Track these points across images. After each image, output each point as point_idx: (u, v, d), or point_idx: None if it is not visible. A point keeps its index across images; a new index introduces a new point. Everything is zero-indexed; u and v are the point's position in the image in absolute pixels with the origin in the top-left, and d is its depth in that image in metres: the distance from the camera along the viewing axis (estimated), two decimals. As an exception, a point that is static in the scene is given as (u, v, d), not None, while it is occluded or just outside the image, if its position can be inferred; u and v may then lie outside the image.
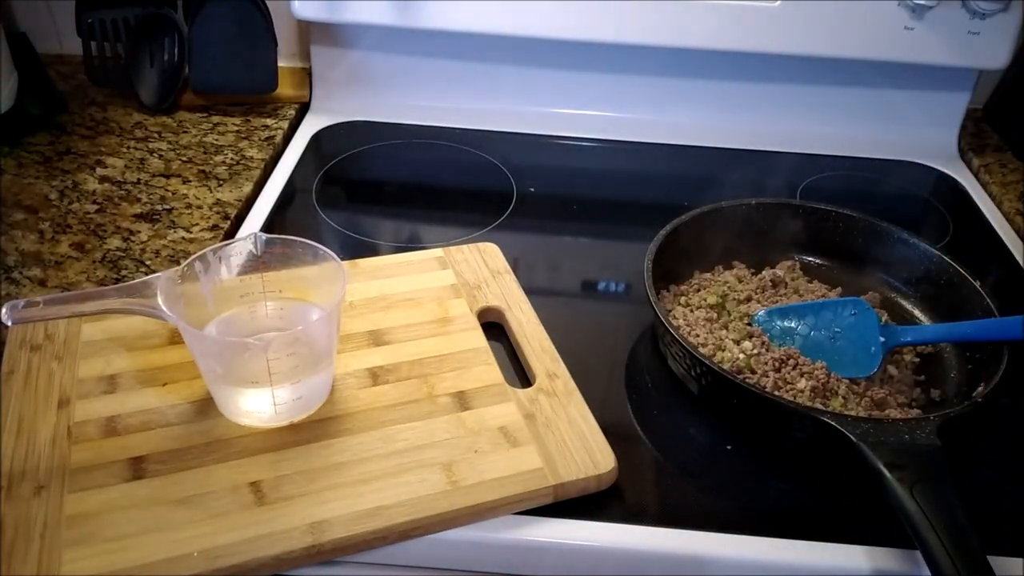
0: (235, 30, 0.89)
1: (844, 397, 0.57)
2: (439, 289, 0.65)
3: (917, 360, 0.63)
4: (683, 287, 0.68)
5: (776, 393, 0.56)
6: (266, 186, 0.82)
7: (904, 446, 0.49)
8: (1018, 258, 0.78)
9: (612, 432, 0.53)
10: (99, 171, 0.81)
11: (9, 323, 0.48)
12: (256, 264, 0.55)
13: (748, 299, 0.65)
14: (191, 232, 0.73)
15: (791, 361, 0.59)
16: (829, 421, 0.50)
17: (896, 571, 0.49)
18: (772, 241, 0.70)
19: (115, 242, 0.71)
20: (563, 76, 0.94)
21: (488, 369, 0.58)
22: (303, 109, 0.96)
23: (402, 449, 0.51)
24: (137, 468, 0.49)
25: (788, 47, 0.87)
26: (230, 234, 0.75)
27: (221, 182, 0.80)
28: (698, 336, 0.61)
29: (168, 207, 0.76)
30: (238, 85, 0.91)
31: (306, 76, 0.98)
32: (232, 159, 0.84)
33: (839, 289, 0.67)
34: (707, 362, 0.54)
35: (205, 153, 0.85)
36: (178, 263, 0.65)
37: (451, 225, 0.78)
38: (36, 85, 0.87)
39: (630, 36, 0.87)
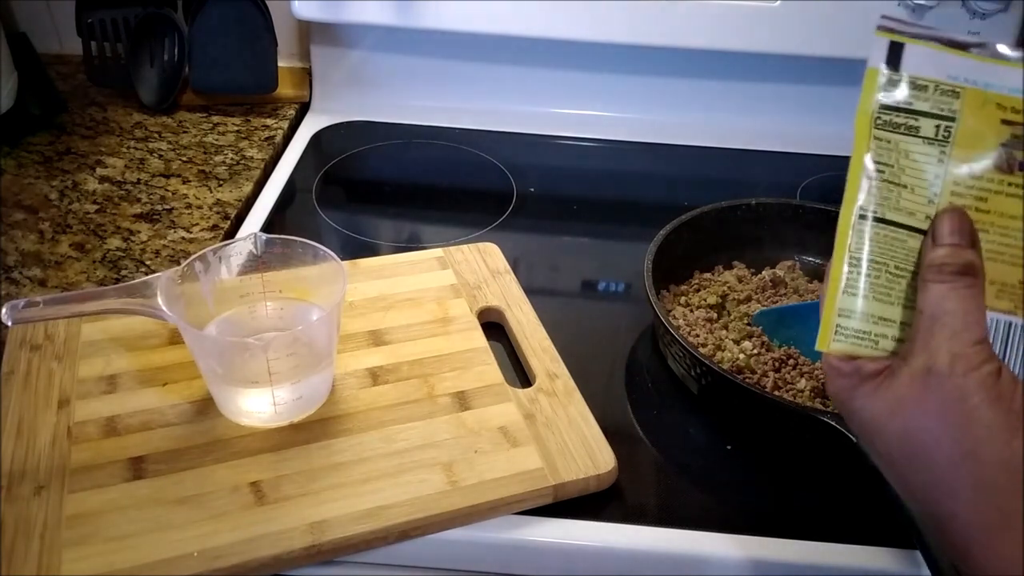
0: (235, 30, 0.89)
1: (844, 397, 0.57)
2: (439, 289, 0.65)
3: (917, 360, 0.63)
4: (683, 287, 0.68)
5: (776, 393, 0.56)
6: (266, 186, 0.82)
7: (904, 446, 0.49)
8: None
9: (612, 432, 0.53)
10: (99, 171, 0.81)
11: (9, 323, 0.48)
12: (256, 264, 0.55)
13: (748, 299, 0.65)
14: (191, 232, 0.73)
15: (791, 361, 0.59)
16: (829, 421, 0.50)
17: (896, 571, 0.49)
18: (772, 241, 0.70)
19: (115, 242, 0.71)
20: (563, 76, 0.94)
21: (488, 369, 0.58)
22: (303, 109, 0.96)
23: (402, 449, 0.51)
24: (137, 468, 0.49)
25: (788, 47, 0.87)
26: (230, 234, 0.75)
27: (221, 182, 0.80)
28: (698, 336, 0.61)
29: (168, 207, 0.76)
30: (238, 85, 0.91)
31: (306, 76, 0.98)
32: (232, 159, 0.84)
33: (839, 289, 0.67)
34: (707, 362, 0.54)
35: (205, 153, 0.85)
36: (178, 263, 0.65)
37: (451, 225, 0.78)
38: (36, 85, 0.87)
39: (630, 36, 0.87)
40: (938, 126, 0.37)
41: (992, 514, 0.32)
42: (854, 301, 0.38)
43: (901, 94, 0.38)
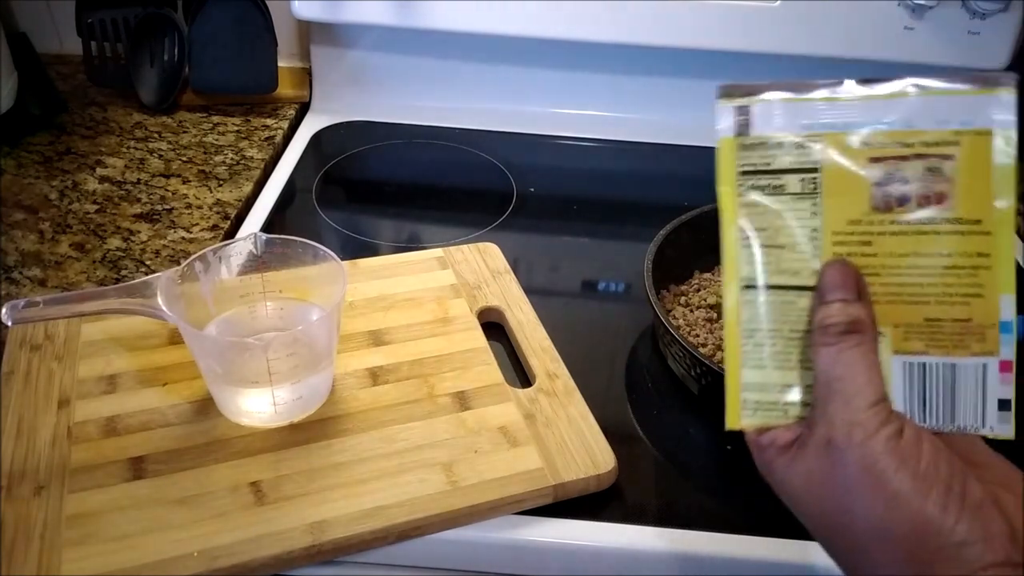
0: (235, 30, 0.89)
1: (844, 397, 0.57)
2: (439, 289, 0.65)
3: (917, 360, 0.63)
4: (683, 287, 0.68)
5: (776, 393, 0.56)
6: (266, 186, 0.82)
7: (904, 446, 0.49)
8: (1018, 258, 0.78)
9: (612, 432, 0.53)
10: (99, 171, 0.81)
11: (9, 323, 0.48)
12: (256, 264, 0.55)
13: (748, 299, 0.65)
14: (191, 232, 0.73)
15: (791, 361, 0.59)
16: (829, 421, 0.50)
17: (896, 571, 0.49)
18: (772, 241, 0.70)
19: (115, 242, 0.71)
20: (563, 76, 0.94)
21: (488, 369, 0.58)
22: (303, 109, 0.96)
23: (402, 449, 0.51)
24: (137, 468, 0.49)
25: (788, 47, 0.87)
26: (230, 234, 0.75)
27: (221, 182, 0.80)
28: (698, 336, 0.62)
29: (168, 207, 0.76)
30: (238, 85, 0.91)
31: (306, 76, 0.98)
32: (232, 159, 0.84)
33: (839, 289, 0.67)
34: (707, 362, 0.54)
35: (205, 153, 0.85)
36: (178, 263, 0.65)
37: (451, 225, 0.78)
38: (36, 85, 0.87)
39: (629, 36, 0.87)
40: (803, 179, 0.36)
41: None
42: (755, 373, 0.36)
43: (758, 157, 0.36)
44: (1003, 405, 0.35)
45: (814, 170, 0.35)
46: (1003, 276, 0.34)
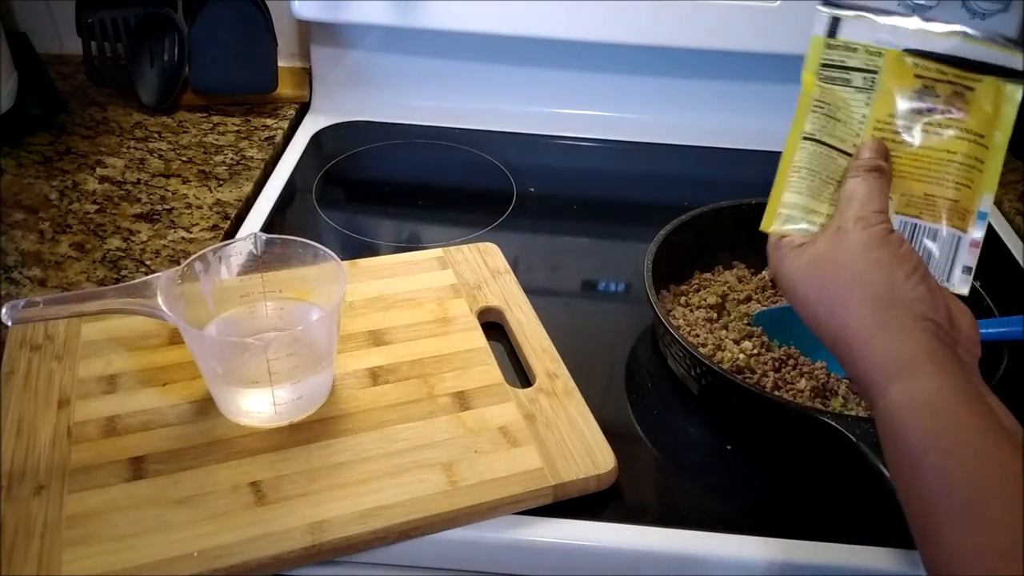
0: (235, 30, 0.89)
1: (844, 397, 0.57)
2: (439, 289, 0.65)
3: (917, 360, 0.63)
4: (683, 287, 0.68)
5: (776, 393, 0.56)
6: (266, 186, 0.82)
7: (904, 446, 0.49)
8: (1018, 258, 0.78)
9: (612, 432, 0.53)
10: (99, 171, 0.81)
11: (9, 323, 0.48)
12: (256, 264, 0.55)
13: (748, 299, 0.65)
14: (191, 232, 0.73)
15: (791, 361, 0.59)
16: (829, 421, 0.50)
17: (896, 571, 0.49)
18: (772, 241, 0.70)
19: (115, 242, 0.71)
20: (563, 76, 0.94)
21: (488, 369, 0.58)
22: (303, 109, 0.96)
23: (402, 449, 0.51)
24: (137, 468, 0.49)
25: (788, 47, 0.87)
26: (230, 234, 0.75)
27: (221, 182, 0.80)
28: (698, 336, 0.61)
29: (168, 207, 0.76)
30: (238, 85, 0.91)
31: (306, 76, 0.98)
32: (232, 159, 0.84)
33: (839, 289, 0.67)
34: (707, 362, 0.54)
35: (205, 153, 0.85)
36: (178, 263, 0.65)
37: (451, 225, 0.78)
38: (36, 85, 0.87)
39: (629, 36, 0.87)
40: (865, 77, 0.47)
41: (873, 320, 0.41)
42: (794, 197, 0.47)
43: (837, 55, 0.48)
44: (966, 270, 0.47)
45: (875, 72, 0.47)
46: (989, 179, 0.46)
